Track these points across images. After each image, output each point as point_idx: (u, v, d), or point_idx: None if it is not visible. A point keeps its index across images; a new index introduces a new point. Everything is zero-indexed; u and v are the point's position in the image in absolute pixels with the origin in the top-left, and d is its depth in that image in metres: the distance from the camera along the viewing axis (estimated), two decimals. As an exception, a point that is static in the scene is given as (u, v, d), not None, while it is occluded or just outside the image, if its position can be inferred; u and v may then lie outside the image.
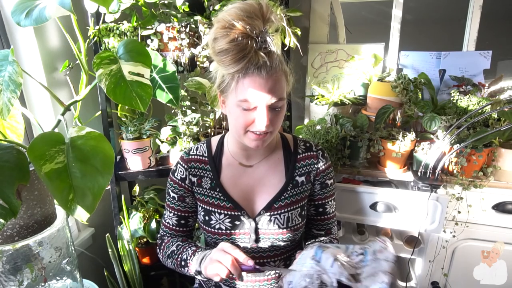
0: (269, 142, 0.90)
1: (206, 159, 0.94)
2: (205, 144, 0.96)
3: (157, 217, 1.45)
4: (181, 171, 0.94)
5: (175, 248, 0.93)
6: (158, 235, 1.04)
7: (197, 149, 0.96)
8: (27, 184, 0.73)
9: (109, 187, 1.36)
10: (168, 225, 1.00)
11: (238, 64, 0.73)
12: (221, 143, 0.96)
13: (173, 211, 0.98)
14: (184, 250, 0.91)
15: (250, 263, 0.75)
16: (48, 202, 0.87)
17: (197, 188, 0.93)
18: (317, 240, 1.00)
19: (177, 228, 0.99)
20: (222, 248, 0.79)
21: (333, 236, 1.01)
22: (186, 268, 0.88)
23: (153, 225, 1.38)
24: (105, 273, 1.36)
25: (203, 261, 0.82)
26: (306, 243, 1.00)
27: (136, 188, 1.48)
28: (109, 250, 1.30)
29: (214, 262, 0.77)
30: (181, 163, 0.95)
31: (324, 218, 0.99)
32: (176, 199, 0.96)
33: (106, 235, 1.31)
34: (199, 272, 0.83)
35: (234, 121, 0.81)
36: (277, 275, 0.95)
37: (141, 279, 1.38)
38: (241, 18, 0.71)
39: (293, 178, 0.92)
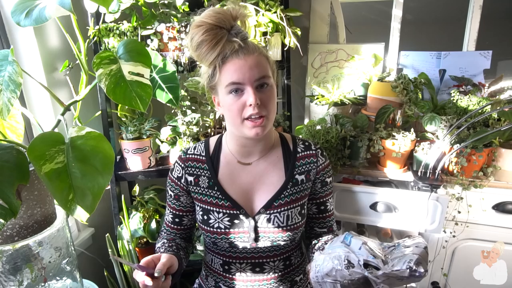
0: (268, 138, 0.93)
1: (203, 158, 0.95)
2: (203, 144, 0.98)
3: (157, 217, 1.45)
4: (178, 170, 0.96)
5: (159, 245, 0.98)
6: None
7: (194, 148, 0.97)
8: (27, 184, 0.73)
9: (109, 187, 1.36)
10: (166, 221, 1.03)
11: (214, 50, 0.79)
12: (219, 142, 0.97)
13: (169, 209, 1.01)
14: (157, 252, 0.94)
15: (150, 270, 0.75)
16: (48, 202, 0.87)
17: (194, 188, 0.94)
18: (321, 238, 1.01)
19: (172, 226, 1.02)
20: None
21: (335, 233, 1.03)
22: None
23: (153, 225, 1.38)
24: (105, 273, 1.36)
25: None
26: (312, 243, 1.01)
27: (136, 188, 1.48)
28: (109, 250, 1.30)
29: None
30: (179, 162, 0.96)
31: (325, 215, 1.01)
32: (172, 197, 0.98)
33: (106, 235, 1.31)
34: None
35: (229, 111, 0.83)
36: (276, 275, 0.95)
37: (141, 279, 1.38)
38: (211, 16, 0.78)
39: (293, 177, 0.93)
